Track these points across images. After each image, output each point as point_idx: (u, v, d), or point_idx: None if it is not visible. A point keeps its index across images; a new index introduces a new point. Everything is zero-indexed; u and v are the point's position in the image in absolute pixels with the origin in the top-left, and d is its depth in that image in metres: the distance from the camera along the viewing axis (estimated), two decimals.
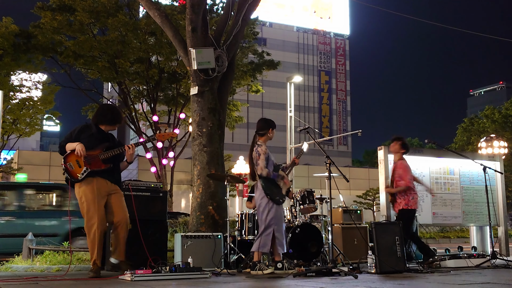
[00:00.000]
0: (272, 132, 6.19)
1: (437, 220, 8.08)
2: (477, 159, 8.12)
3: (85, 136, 5.42)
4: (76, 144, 5.29)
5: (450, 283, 4.67)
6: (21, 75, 20.01)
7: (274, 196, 5.89)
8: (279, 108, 48.71)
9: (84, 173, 5.30)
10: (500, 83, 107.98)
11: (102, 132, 5.55)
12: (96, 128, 5.52)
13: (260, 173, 5.93)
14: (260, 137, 6.15)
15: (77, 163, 5.31)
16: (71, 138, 5.42)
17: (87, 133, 5.46)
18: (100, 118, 5.56)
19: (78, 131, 5.48)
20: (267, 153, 6.02)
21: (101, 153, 5.38)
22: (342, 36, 62.53)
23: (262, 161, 5.94)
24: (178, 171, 28.96)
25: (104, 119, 5.54)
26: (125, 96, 19.67)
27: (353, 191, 33.85)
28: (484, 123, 37.01)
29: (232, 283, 4.82)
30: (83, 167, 5.31)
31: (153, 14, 8.47)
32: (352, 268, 5.88)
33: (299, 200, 7.13)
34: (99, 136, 5.49)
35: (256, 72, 20.15)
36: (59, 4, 17.51)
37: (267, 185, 5.91)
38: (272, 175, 5.96)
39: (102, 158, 5.37)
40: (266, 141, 6.15)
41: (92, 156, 5.34)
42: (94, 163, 5.34)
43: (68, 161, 5.33)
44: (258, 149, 6.01)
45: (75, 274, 5.73)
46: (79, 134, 5.44)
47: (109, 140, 5.57)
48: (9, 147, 24.05)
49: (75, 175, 5.31)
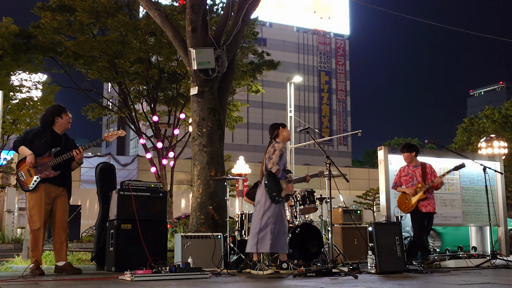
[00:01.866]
0: (285, 130, 6.18)
1: (437, 220, 8.07)
2: (477, 159, 8.12)
3: (38, 141, 5.61)
4: (28, 152, 5.51)
5: (450, 283, 4.67)
6: (21, 75, 19.98)
7: (272, 192, 5.83)
8: (279, 108, 48.73)
9: (35, 183, 5.55)
10: (500, 83, 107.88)
11: (55, 134, 5.71)
12: (50, 132, 5.68)
13: (270, 167, 5.87)
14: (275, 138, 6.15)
15: (28, 172, 5.56)
16: (26, 140, 5.62)
17: (41, 138, 5.62)
18: (45, 120, 5.74)
19: (33, 134, 5.67)
20: (282, 151, 6.00)
21: (50, 159, 5.57)
22: (342, 36, 62.54)
23: (276, 157, 5.91)
24: (178, 171, 28.98)
25: (47, 120, 5.74)
26: (125, 96, 19.66)
27: (353, 191, 33.86)
28: (484, 123, 36.98)
29: (232, 283, 4.82)
30: (34, 176, 5.54)
31: (153, 14, 8.47)
32: (352, 268, 5.88)
33: (299, 200, 7.12)
34: (52, 141, 5.65)
35: (256, 72, 20.13)
36: (59, 4, 17.50)
37: (270, 180, 5.88)
38: (280, 175, 5.92)
39: (51, 165, 5.57)
40: (284, 141, 6.13)
41: (42, 163, 5.54)
42: (44, 171, 5.55)
43: (19, 170, 5.58)
44: (275, 145, 6.00)
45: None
46: (33, 138, 5.63)
47: (61, 142, 5.71)
48: (9, 147, 23.98)
49: (26, 185, 5.57)
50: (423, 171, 7.03)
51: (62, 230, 5.66)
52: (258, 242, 5.72)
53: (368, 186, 33.17)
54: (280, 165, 5.95)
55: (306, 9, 59.55)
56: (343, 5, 61.31)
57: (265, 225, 5.76)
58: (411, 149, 7.18)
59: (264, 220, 5.77)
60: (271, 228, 5.75)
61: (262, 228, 5.76)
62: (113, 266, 5.89)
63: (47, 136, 5.64)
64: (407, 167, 7.17)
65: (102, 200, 6.70)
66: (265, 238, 5.73)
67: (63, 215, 5.70)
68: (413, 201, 6.90)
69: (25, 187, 5.57)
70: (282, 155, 5.99)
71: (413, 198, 6.90)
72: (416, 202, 6.88)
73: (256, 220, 5.86)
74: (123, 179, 5.96)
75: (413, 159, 7.15)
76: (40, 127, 5.76)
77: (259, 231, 5.75)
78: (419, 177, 7.00)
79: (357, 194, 32.32)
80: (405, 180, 7.11)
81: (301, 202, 7.09)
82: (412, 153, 7.14)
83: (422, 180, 6.98)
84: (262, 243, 5.73)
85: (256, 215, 5.90)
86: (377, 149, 7.97)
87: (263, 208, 5.82)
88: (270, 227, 5.75)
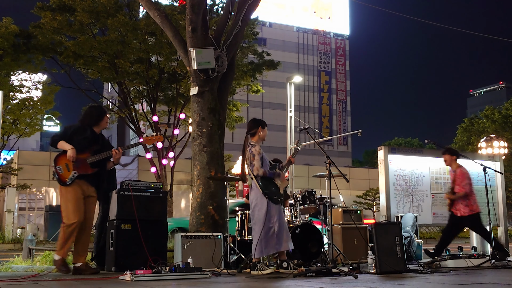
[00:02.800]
0: (263, 131, 6.12)
1: (437, 220, 8.10)
2: (477, 159, 8.13)
3: (78, 137, 5.65)
4: (68, 147, 5.52)
5: (450, 283, 4.67)
6: (21, 75, 19.99)
7: (273, 196, 5.84)
8: (279, 108, 48.74)
9: (72, 178, 5.57)
10: (500, 83, 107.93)
11: (94, 133, 5.79)
12: (90, 130, 5.75)
13: (256, 173, 5.89)
14: (252, 137, 6.12)
15: (66, 166, 5.57)
16: (66, 136, 5.65)
17: (81, 135, 5.67)
18: (89, 120, 5.82)
19: (73, 131, 5.70)
20: (261, 153, 5.98)
21: (89, 156, 5.62)
22: (342, 36, 62.54)
23: (258, 161, 5.91)
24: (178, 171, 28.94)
25: (92, 120, 5.81)
26: (125, 96, 19.66)
27: (353, 191, 33.82)
28: (484, 123, 36.99)
29: (232, 283, 4.82)
30: (72, 171, 5.57)
31: (153, 14, 8.47)
32: (352, 268, 5.88)
33: (300, 200, 7.12)
34: (91, 138, 5.72)
35: (256, 72, 20.13)
36: (59, 4, 17.50)
37: (265, 185, 5.87)
38: (269, 174, 5.94)
39: (90, 162, 5.63)
40: (259, 141, 6.11)
41: (81, 160, 5.58)
42: (82, 167, 5.60)
43: (58, 163, 5.58)
44: (252, 150, 5.97)
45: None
46: (73, 134, 5.67)
47: (99, 142, 5.80)
48: (9, 147, 24.01)
49: (64, 179, 5.57)
50: (453, 178, 7.34)
51: (86, 232, 5.72)
52: (265, 247, 5.71)
53: (368, 186, 33.14)
54: (265, 167, 5.96)
55: (306, 9, 59.54)
56: (343, 5, 61.31)
57: (269, 228, 5.74)
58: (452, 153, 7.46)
59: (268, 223, 5.74)
60: (275, 228, 5.74)
61: (267, 231, 5.73)
62: (113, 266, 5.89)
63: (86, 133, 5.72)
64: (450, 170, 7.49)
65: (102, 200, 6.69)
66: (271, 240, 5.72)
67: (90, 217, 5.74)
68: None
69: (62, 181, 5.56)
70: (262, 157, 5.98)
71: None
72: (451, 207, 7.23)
73: (259, 223, 5.79)
74: (123, 179, 5.98)
75: (452, 162, 7.40)
76: (79, 125, 5.83)
77: (265, 235, 5.72)
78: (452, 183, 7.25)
79: (357, 194, 32.31)
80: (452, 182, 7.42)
81: (301, 202, 7.09)
82: (453, 157, 7.38)
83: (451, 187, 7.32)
84: (269, 247, 5.72)
85: (257, 218, 5.84)
86: (377, 149, 7.98)
87: (264, 211, 5.78)
88: (273, 229, 5.74)
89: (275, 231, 5.75)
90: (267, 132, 6.20)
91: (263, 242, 5.72)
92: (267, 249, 5.74)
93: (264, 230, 5.74)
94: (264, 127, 6.16)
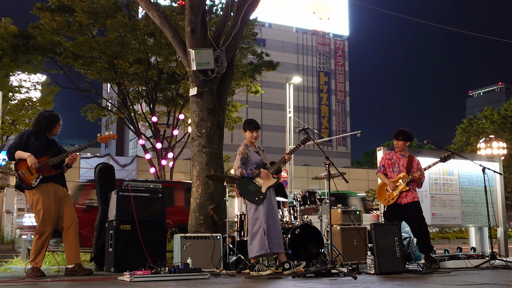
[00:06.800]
0: (246, 133, 6.09)
1: (436, 221, 8.09)
2: (476, 160, 8.13)
3: (33, 142, 5.58)
4: (26, 155, 5.45)
5: (449, 283, 4.67)
6: (20, 76, 19.97)
7: (249, 196, 5.84)
8: (278, 109, 48.75)
9: (37, 180, 5.50)
10: (499, 84, 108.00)
11: (47, 137, 5.74)
12: (44, 135, 5.70)
13: (235, 173, 5.97)
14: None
15: (28, 171, 5.49)
16: (21, 143, 5.56)
17: (36, 139, 5.60)
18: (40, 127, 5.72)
19: (26, 137, 5.62)
20: (245, 153, 5.97)
21: (49, 159, 5.57)
22: (341, 37, 62.54)
23: (237, 161, 5.95)
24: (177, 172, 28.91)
25: (47, 126, 5.72)
26: (124, 97, 19.65)
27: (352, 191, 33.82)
28: (483, 124, 37.02)
29: (231, 284, 4.82)
30: (35, 174, 5.49)
31: (152, 15, 8.47)
32: (351, 269, 5.88)
33: (300, 201, 7.11)
34: (47, 142, 5.68)
35: (255, 73, 20.14)
36: (58, 5, 17.48)
37: (240, 185, 5.91)
38: (246, 174, 5.92)
39: (52, 164, 5.58)
40: (249, 141, 6.10)
41: (42, 164, 5.52)
42: (45, 170, 5.54)
43: (19, 169, 5.50)
44: (238, 150, 6.02)
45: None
46: (27, 139, 5.59)
47: (56, 145, 5.78)
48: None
49: (29, 182, 5.49)
50: (410, 163, 6.82)
51: (72, 232, 5.65)
52: (255, 246, 5.74)
53: (367, 187, 33.15)
54: (251, 166, 5.96)
55: (305, 10, 59.54)
56: (342, 6, 61.29)
57: (258, 229, 5.77)
58: (407, 138, 6.93)
59: (254, 224, 5.79)
60: (263, 229, 5.74)
61: (255, 231, 5.77)
62: (112, 266, 5.89)
63: (41, 137, 5.66)
64: (394, 153, 6.96)
65: (101, 201, 6.70)
66: (260, 240, 5.72)
67: (71, 216, 5.68)
68: (394, 194, 6.73)
69: (28, 185, 5.47)
70: (244, 158, 5.96)
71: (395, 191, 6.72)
72: (398, 194, 6.70)
73: (250, 224, 5.88)
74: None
75: (405, 148, 6.99)
76: (32, 130, 5.75)
77: (254, 236, 5.77)
78: (402, 167, 6.79)
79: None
80: (387, 164, 6.93)
81: (301, 203, 7.09)
82: (407, 142, 6.95)
83: (407, 171, 6.75)
84: (259, 246, 5.73)
85: (248, 219, 5.93)
86: (376, 150, 7.98)
87: (251, 212, 5.85)
88: (261, 229, 5.74)
89: (264, 232, 5.73)
90: (256, 134, 6.09)
91: (253, 243, 5.76)
92: (261, 250, 5.72)
93: (252, 231, 5.79)
94: (251, 130, 6.07)
